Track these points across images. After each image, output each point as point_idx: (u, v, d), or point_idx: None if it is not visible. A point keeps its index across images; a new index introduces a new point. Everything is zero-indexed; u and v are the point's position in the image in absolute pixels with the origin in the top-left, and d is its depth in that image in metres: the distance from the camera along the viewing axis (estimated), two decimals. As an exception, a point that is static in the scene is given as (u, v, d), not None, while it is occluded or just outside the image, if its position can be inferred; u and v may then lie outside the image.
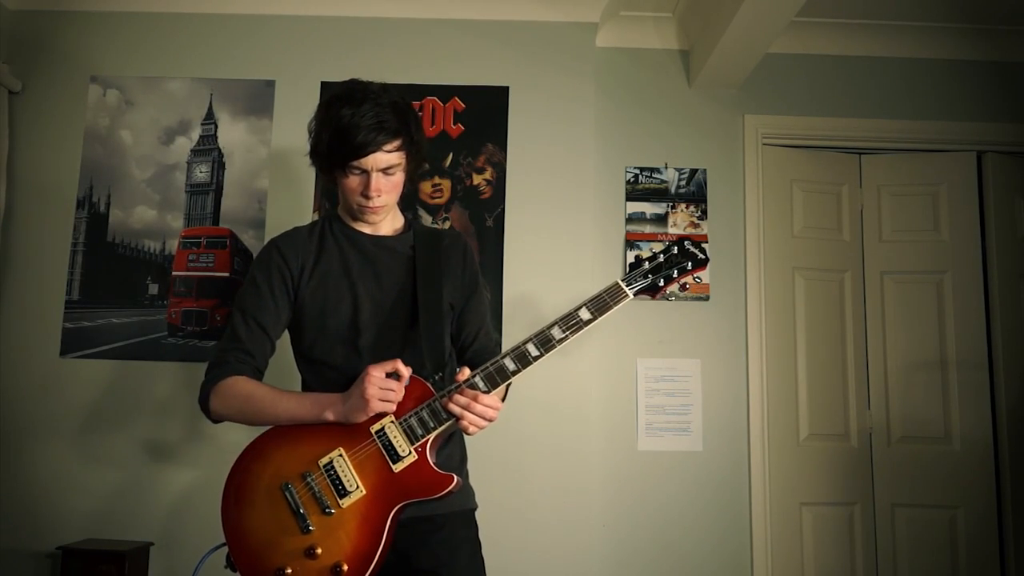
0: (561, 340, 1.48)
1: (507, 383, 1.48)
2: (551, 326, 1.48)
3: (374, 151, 1.50)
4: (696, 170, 2.91)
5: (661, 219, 2.88)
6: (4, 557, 2.55)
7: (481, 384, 1.46)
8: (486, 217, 2.73)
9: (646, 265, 1.56)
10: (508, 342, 2.62)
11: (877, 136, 3.01)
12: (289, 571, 1.39)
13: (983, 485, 2.87)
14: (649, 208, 2.89)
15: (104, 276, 2.70)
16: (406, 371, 1.45)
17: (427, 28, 2.81)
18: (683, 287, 1.57)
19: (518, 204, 2.73)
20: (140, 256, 2.73)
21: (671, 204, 2.89)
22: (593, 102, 2.80)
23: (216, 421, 1.56)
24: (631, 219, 2.88)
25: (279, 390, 1.52)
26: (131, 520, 2.54)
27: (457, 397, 1.44)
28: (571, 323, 1.49)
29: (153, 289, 2.70)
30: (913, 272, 3.00)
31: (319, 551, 1.40)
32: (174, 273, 2.70)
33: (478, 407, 1.43)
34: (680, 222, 2.87)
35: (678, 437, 2.77)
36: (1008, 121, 3.01)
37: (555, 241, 2.71)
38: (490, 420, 1.45)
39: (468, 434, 1.48)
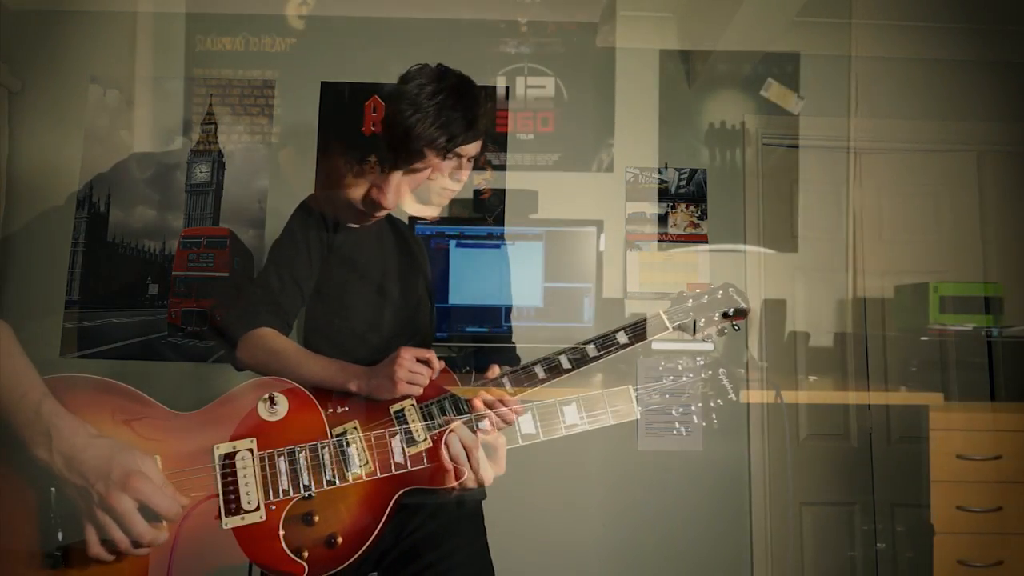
0: (595, 358, 1.50)
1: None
2: (587, 343, 1.50)
3: (477, 138, 1.58)
4: (696, 170, 2.91)
5: (661, 219, 2.87)
6: (4, 557, 2.54)
7: (508, 385, 1.46)
8: (486, 217, 2.73)
9: (689, 303, 1.59)
10: (508, 342, 2.64)
11: (877, 136, 3.01)
12: (283, 532, 1.37)
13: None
14: (649, 208, 2.88)
15: (104, 276, 2.70)
16: (439, 363, 1.45)
17: (427, 28, 2.81)
18: (721, 332, 1.60)
19: (518, 204, 2.73)
20: (140, 256, 2.72)
21: (671, 204, 2.89)
22: (592, 102, 2.80)
23: (240, 369, 1.54)
24: (631, 219, 2.88)
25: (306, 351, 1.51)
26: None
27: (483, 393, 1.44)
28: (608, 344, 1.51)
29: (153, 289, 2.70)
30: (913, 272, 3.00)
31: (317, 519, 1.38)
32: (174, 273, 2.70)
33: (501, 407, 1.43)
34: (680, 222, 2.87)
35: (678, 437, 2.77)
36: (1008, 121, 3.00)
37: (555, 242, 2.70)
38: (508, 423, 1.45)
39: (485, 432, 1.46)
